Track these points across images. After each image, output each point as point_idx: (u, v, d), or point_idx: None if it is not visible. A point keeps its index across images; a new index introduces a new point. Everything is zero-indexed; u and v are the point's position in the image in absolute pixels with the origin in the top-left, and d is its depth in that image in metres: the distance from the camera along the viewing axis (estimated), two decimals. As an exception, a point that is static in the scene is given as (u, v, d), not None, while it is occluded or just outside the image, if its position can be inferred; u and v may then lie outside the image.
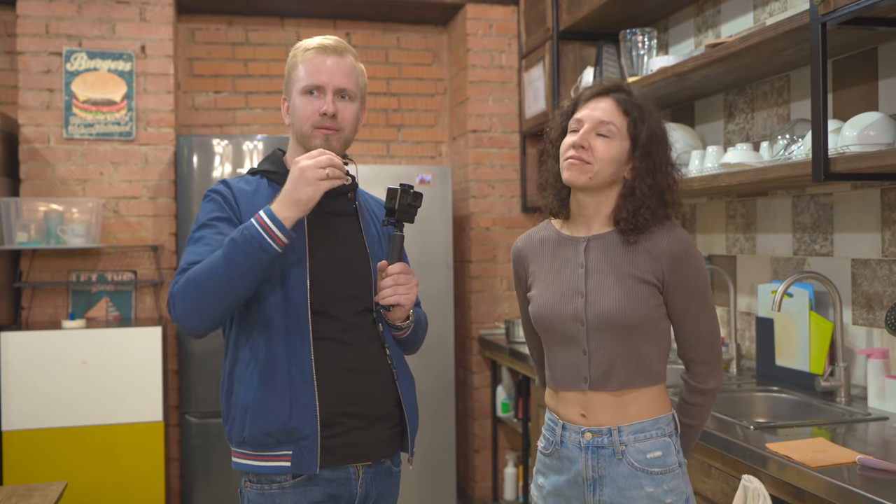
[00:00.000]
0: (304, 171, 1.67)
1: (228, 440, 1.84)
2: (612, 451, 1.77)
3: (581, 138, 1.78)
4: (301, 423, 1.75)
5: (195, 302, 1.69)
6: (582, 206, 1.85)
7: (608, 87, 1.83)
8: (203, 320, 1.72)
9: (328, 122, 1.83)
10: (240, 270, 1.66)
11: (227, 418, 1.83)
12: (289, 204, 1.67)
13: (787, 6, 2.90)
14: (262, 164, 1.96)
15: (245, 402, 1.77)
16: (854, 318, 2.63)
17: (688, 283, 1.79)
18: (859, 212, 2.61)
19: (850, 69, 2.61)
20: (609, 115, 1.78)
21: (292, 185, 1.67)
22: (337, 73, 1.84)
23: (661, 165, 1.80)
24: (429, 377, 4.36)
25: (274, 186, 1.85)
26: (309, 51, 1.86)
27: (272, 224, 1.66)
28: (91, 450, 3.70)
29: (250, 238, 1.65)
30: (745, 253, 3.17)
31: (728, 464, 2.16)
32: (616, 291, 1.77)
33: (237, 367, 1.81)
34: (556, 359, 1.86)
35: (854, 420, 2.33)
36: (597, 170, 1.77)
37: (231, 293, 1.69)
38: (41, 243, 3.88)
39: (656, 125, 1.81)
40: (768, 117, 3.01)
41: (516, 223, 4.69)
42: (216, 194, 1.84)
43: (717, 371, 1.86)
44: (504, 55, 4.70)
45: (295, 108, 1.86)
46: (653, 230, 1.79)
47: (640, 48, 3.41)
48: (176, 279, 1.72)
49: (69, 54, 4.10)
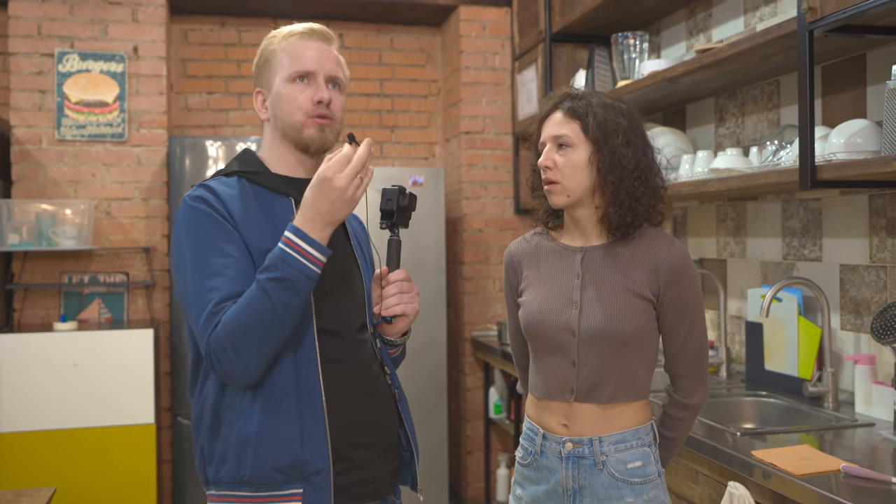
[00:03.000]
0: (343, 191, 1.51)
1: (213, 484, 1.61)
2: (592, 461, 1.76)
3: (544, 159, 1.79)
4: (313, 457, 1.55)
5: (250, 354, 1.51)
6: (574, 219, 1.85)
7: (555, 101, 1.82)
8: (260, 368, 1.54)
9: (323, 110, 1.66)
10: (291, 309, 1.51)
11: (212, 458, 1.60)
12: (326, 224, 1.53)
13: (777, 11, 2.91)
14: (237, 164, 1.73)
15: (245, 434, 1.56)
16: (842, 324, 2.64)
17: (683, 299, 1.78)
18: (847, 217, 2.62)
19: (839, 74, 2.61)
20: (560, 126, 1.78)
21: (329, 206, 1.52)
22: (327, 60, 1.69)
23: (623, 149, 1.75)
24: (421, 378, 4.37)
25: (256, 188, 1.67)
26: (293, 36, 1.69)
27: (313, 249, 1.52)
28: (83, 452, 3.69)
29: (296, 273, 1.50)
30: (735, 257, 3.18)
31: (715, 470, 2.16)
32: (611, 305, 1.75)
33: (226, 396, 1.59)
34: (543, 367, 1.85)
35: (841, 426, 2.34)
36: (568, 185, 1.77)
37: (285, 332, 1.54)
38: (33, 245, 3.88)
39: (604, 115, 1.76)
40: (759, 121, 3.02)
41: (509, 225, 4.70)
42: (204, 205, 1.60)
43: (702, 386, 1.85)
44: (497, 57, 4.70)
45: (280, 97, 1.67)
46: (652, 243, 1.78)
47: (632, 51, 3.41)
48: (207, 325, 1.51)
49: (61, 55, 4.10)
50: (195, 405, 1.66)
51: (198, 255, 1.56)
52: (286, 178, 1.71)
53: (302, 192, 1.60)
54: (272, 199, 1.68)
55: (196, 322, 1.54)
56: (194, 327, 1.56)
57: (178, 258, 1.61)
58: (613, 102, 1.81)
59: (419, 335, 4.37)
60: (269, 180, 1.69)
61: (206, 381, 1.63)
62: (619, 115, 1.78)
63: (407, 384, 1.97)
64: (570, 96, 1.82)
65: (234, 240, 1.58)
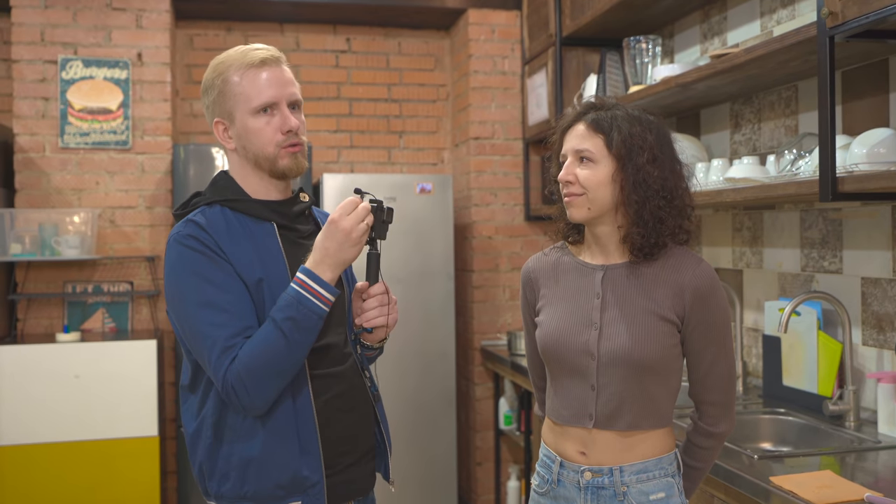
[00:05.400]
0: (348, 232, 1.62)
1: (215, 497, 1.69)
2: (612, 491, 1.68)
3: (565, 173, 1.71)
4: (310, 471, 1.67)
5: (267, 388, 1.60)
6: (595, 235, 1.76)
7: (580, 112, 1.74)
8: (271, 400, 1.64)
9: (293, 138, 1.72)
10: (303, 346, 1.62)
11: (213, 474, 1.68)
12: (334, 266, 1.63)
13: (795, 14, 2.81)
14: (216, 191, 1.75)
15: (248, 454, 1.64)
16: (864, 339, 2.54)
17: (709, 322, 1.69)
18: (869, 229, 2.52)
19: (860, 80, 2.52)
20: (583, 140, 1.70)
21: (335, 246, 1.62)
22: (284, 84, 1.72)
23: (648, 168, 1.67)
24: (430, 388, 4.30)
25: (238, 216, 1.72)
26: (247, 66, 1.69)
27: (323, 290, 1.62)
28: (85, 465, 3.63)
29: (309, 313, 1.60)
30: (751, 267, 3.09)
31: (731, 495, 2.07)
32: (633, 327, 1.67)
33: (228, 416, 1.66)
34: (561, 391, 1.76)
35: (864, 448, 2.24)
36: (592, 198, 1.68)
37: (296, 367, 1.64)
38: (35, 255, 3.82)
39: (629, 130, 1.68)
40: (776, 128, 2.92)
41: (519, 232, 4.61)
42: (196, 242, 1.64)
43: (729, 415, 1.76)
44: (507, 61, 4.62)
45: (249, 131, 1.70)
46: (678, 262, 1.69)
47: (645, 56, 3.32)
48: (221, 361, 1.58)
49: (64, 62, 4.04)
50: (191, 419, 1.71)
51: (198, 292, 1.62)
52: (265, 203, 1.76)
53: (281, 214, 1.75)
54: (255, 226, 1.73)
55: (207, 359, 1.61)
56: (205, 365, 1.63)
57: (178, 298, 1.65)
58: (641, 115, 1.72)
59: (428, 344, 4.30)
60: (250, 207, 1.74)
61: (207, 399, 1.68)
62: (645, 131, 1.69)
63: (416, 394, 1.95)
64: (595, 107, 1.74)
65: (229, 274, 1.64)
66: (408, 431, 4.23)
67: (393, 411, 4.09)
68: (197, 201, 1.76)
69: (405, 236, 4.18)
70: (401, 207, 4.15)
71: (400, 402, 4.22)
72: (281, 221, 1.75)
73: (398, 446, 4.13)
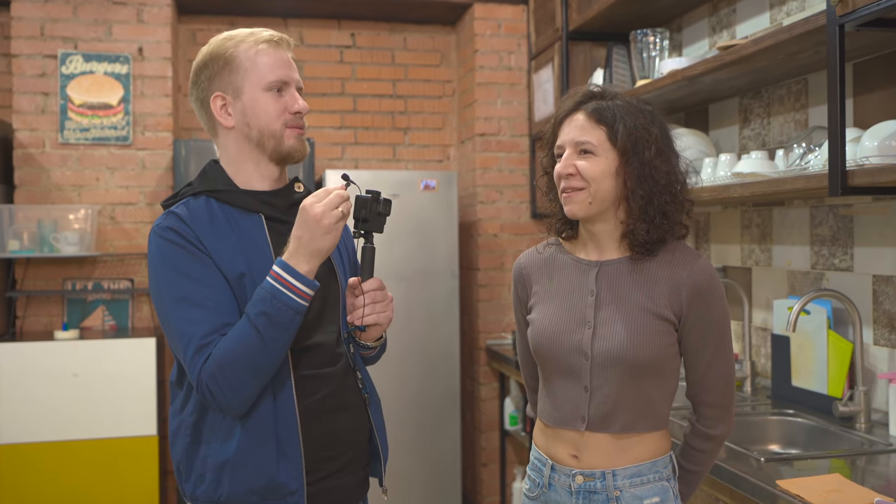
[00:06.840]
0: (319, 219, 1.52)
1: (190, 499, 1.64)
2: (605, 496, 1.62)
3: (564, 165, 1.64)
4: (288, 478, 1.58)
5: (242, 387, 1.53)
6: (591, 232, 1.70)
7: (579, 101, 1.67)
8: (252, 398, 1.57)
9: (300, 120, 1.68)
10: (280, 343, 1.54)
11: (190, 475, 1.62)
12: (308, 256, 1.54)
13: (805, 5, 2.74)
14: (204, 181, 1.70)
15: (223, 456, 1.58)
16: (875, 339, 2.47)
17: (708, 321, 1.63)
18: (881, 225, 2.44)
19: (871, 73, 2.44)
20: (584, 131, 1.63)
21: (308, 234, 1.53)
22: (294, 69, 1.71)
23: (655, 161, 1.61)
24: (434, 388, 4.24)
25: (224, 207, 1.66)
26: (263, 42, 1.67)
27: (300, 283, 1.53)
28: (84, 464, 3.59)
29: (283, 307, 1.52)
30: (760, 265, 3.01)
31: (737, 499, 2.00)
32: (628, 326, 1.60)
33: (208, 416, 1.61)
34: (553, 392, 1.70)
35: (874, 451, 2.17)
36: (594, 192, 1.61)
37: (275, 363, 1.56)
38: (34, 251, 3.79)
39: (634, 122, 1.61)
40: (785, 122, 2.85)
41: (525, 230, 4.54)
42: (175, 235, 1.59)
43: (728, 417, 1.70)
44: (513, 56, 4.56)
45: (258, 105, 1.65)
46: (674, 258, 1.63)
47: (652, 49, 3.24)
48: (196, 359, 1.52)
49: (64, 57, 4.00)
50: (174, 418, 1.67)
51: (175, 287, 1.57)
52: (254, 194, 1.69)
53: (271, 206, 1.68)
54: (241, 218, 1.66)
55: (184, 356, 1.55)
56: (182, 360, 1.58)
57: (156, 291, 1.60)
58: (640, 105, 1.66)
59: (432, 343, 4.24)
60: (237, 198, 1.67)
61: (189, 399, 1.64)
62: (650, 123, 1.63)
63: (420, 393, 1.89)
64: (595, 95, 1.66)
65: (208, 268, 1.58)
66: (412, 432, 4.17)
67: (396, 411, 4.05)
68: (184, 192, 1.71)
69: (409, 234, 4.12)
70: (405, 204, 4.10)
71: (404, 402, 4.16)
72: (270, 213, 1.68)
73: (402, 447, 4.09)
